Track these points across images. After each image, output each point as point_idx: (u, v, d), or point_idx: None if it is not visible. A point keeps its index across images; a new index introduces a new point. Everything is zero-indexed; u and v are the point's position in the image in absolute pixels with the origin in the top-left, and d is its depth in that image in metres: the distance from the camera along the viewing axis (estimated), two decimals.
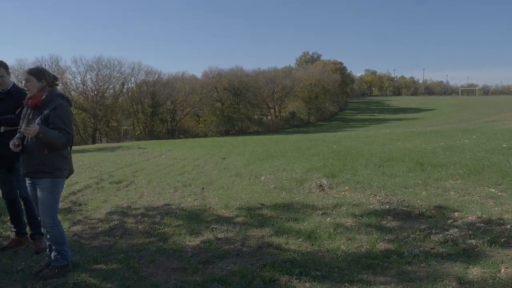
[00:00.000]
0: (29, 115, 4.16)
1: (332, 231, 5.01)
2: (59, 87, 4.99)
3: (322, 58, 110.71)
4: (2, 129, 4.91)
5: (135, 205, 7.53)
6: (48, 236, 4.24)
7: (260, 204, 6.73)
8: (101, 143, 50.48)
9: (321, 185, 7.47)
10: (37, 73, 4.16)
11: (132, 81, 62.51)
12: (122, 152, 21.87)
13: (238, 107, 66.70)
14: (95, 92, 58.71)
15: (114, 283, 3.80)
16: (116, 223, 6.28)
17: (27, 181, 4.27)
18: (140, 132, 59.48)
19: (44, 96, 4.08)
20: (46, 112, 4.00)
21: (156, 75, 62.74)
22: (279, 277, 3.78)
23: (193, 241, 5.07)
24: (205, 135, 57.96)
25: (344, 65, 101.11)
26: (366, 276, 3.76)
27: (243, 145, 20.46)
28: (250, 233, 5.28)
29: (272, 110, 74.43)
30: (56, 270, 4.10)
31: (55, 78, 4.27)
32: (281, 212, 6.16)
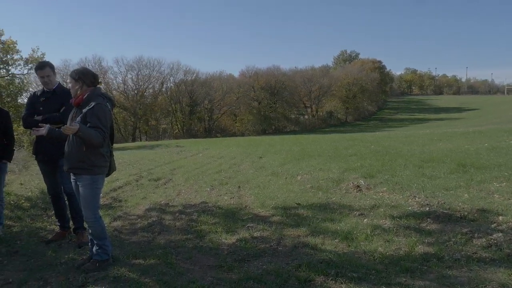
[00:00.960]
0: (74, 113, 4.34)
1: (369, 232, 4.93)
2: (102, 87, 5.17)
3: (360, 56, 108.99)
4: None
5: (173, 203, 7.67)
6: (90, 231, 4.38)
7: (296, 203, 6.71)
8: (140, 141, 51.64)
9: (358, 186, 7.36)
10: (74, 75, 4.33)
11: (171, 80, 63.57)
12: (161, 150, 22.30)
13: (275, 106, 66.55)
14: (135, 92, 60.06)
15: (152, 278, 3.89)
16: (154, 219, 6.43)
17: (71, 177, 4.43)
18: (178, 130, 60.39)
19: (85, 96, 4.24)
20: (84, 110, 4.17)
21: (194, 75, 63.56)
22: (314, 278, 3.76)
23: (229, 239, 5.12)
24: (242, 134, 58.19)
25: (383, 63, 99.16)
26: (404, 279, 3.68)
27: (279, 144, 20.42)
28: (286, 232, 5.27)
29: (309, 109, 73.86)
30: (97, 264, 4.24)
31: (94, 78, 4.39)
32: (317, 212, 6.11)
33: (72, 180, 4.44)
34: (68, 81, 4.38)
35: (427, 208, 5.65)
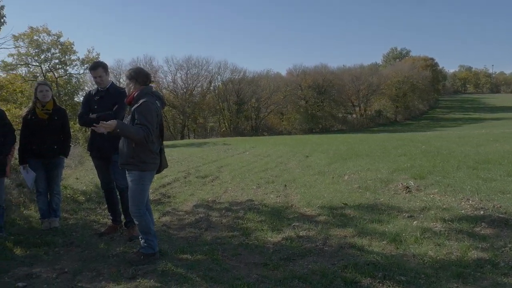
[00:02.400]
0: (128, 111, 4.52)
1: (419, 235, 4.78)
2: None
3: (411, 54, 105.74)
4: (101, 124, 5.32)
5: (220, 200, 7.78)
6: (137, 226, 4.53)
7: (343, 203, 6.62)
8: (189, 138, 52.68)
9: (407, 187, 7.15)
10: (128, 74, 4.52)
11: (219, 79, 64.35)
12: (208, 148, 22.65)
13: (322, 105, 65.84)
14: (184, 90, 61.32)
15: (199, 273, 3.96)
16: (201, 216, 6.54)
17: (126, 173, 4.57)
18: (226, 128, 61.07)
19: (136, 94, 4.39)
20: (133, 108, 4.32)
21: (242, 73, 64.02)
22: (361, 279, 3.70)
23: (274, 238, 5.13)
24: (289, 133, 58.03)
25: (435, 61, 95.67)
26: (455, 285, 3.55)
27: (326, 143, 20.22)
28: (332, 232, 5.21)
29: (357, 108, 72.51)
30: (142, 257, 4.37)
31: (147, 77, 4.53)
32: (365, 212, 6.00)
33: (127, 176, 4.60)
34: (124, 79, 4.55)
35: (482, 212, 5.41)
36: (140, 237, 4.60)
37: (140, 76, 4.48)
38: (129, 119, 4.35)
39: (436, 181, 7.30)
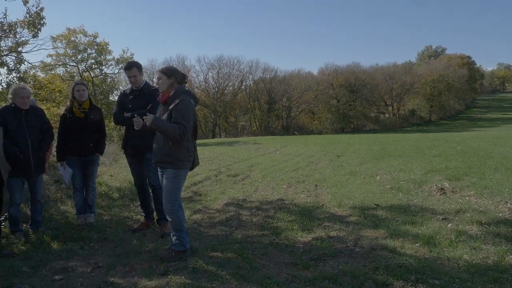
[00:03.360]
0: (161, 110, 4.56)
1: (453, 238, 4.65)
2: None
3: (447, 52, 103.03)
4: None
5: (250, 198, 7.81)
6: (169, 222, 4.59)
7: (374, 204, 6.52)
8: (220, 137, 53.15)
9: (442, 188, 6.98)
10: (167, 71, 4.51)
11: (250, 78, 64.70)
12: (239, 146, 22.76)
13: (354, 104, 65.11)
14: (216, 89, 61.92)
15: (229, 271, 3.99)
16: (232, 214, 6.58)
17: (159, 171, 4.64)
18: (256, 127, 61.25)
19: (172, 93, 4.43)
20: (170, 107, 4.35)
21: (273, 73, 64.12)
22: (392, 282, 3.63)
23: (305, 237, 5.10)
24: (320, 132, 57.69)
25: (472, 59, 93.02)
26: None
27: (358, 143, 19.98)
28: (363, 233, 5.14)
29: (390, 108, 71.30)
30: (173, 254, 4.43)
31: (184, 76, 4.59)
32: (397, 214, 5.90)
33: (159, 173, 4.67)
34: (158, 77, 4.54)
35: None
36: (171, 234, 4.67)
37: (178, 74, 4.53)
38: (166, 117, 4.38)
39: (473, 183, 7.09)
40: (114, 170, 12.07)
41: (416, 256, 4.25)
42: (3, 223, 5.39)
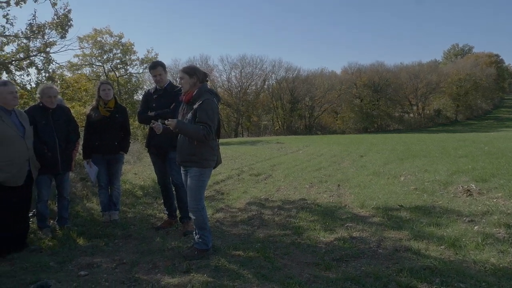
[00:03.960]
0: (184, 109, 4.58)
1: (480, 241, 4.54)
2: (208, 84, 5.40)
3: (474, 50, 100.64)
4: (159, 121, 5.49)
5: (272, 198, 7.81)
6: (194, 220, 4.62)
7: (398, 205, 6.43)
8: (242, 137, 53.28)
9: (468, 190, 6.83)
10: (189, 70, 4.54)
11: (273, 78, 64.57)
12: (262, 146, 22.78)
13: (377, 104, 64.28)
14: (239, 89, 62.10)
15: (250, 270, 4.00)
16: (254, 213, 6.60)
17: (182, 169, 4.69)
18: (279, 127, 61.15)
19: (195, 92, 4.46)
20: (195, 106, 4.37)
21: (296, 72, 63.87)
22: (417, 285, 3.57)
23: (327, 238, 5.07)
24: (343, 132, 57.21)
25: (500, 57, 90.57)
26: None
27: (382, 143, 19.75)
28: (387, 234, 5.08)
29: (415, 107, 70.09)
30: (196, 252, 4.47)
31: (205, 75, 4.62)
32: (421, 215, 5.80)
33: (182, 172, 4.71)
34: (180, 76, 4.57)
35: None
36: (194, 232, 4.71)
37: (200, 73, 4.55)
38: (190, 117, 4.40)
39: (500, 184, 6.91)
40: (138, 169, 12.24)
41: (441, 258, 4.18)
42: (31, 219, 5.53)
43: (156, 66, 5.67)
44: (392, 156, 12.78)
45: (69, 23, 11.29)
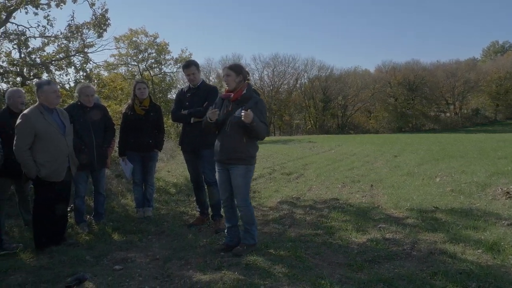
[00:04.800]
0: (227, 107, 4.56)
1: None
2: None
3: None
4: (192, 120, 5.58)
5: (304, 197, 7.78)
6: (240, 216, 4.66)
7: (433, 207, 6.29)
8: (274, 135, 53.24)
9: (508, 192, 6.60)
10: (236, 68, 4.56)
11: (305, 76, 64.13)
12: (294, 145, 22.72)
13: (412, 103, 62.83)
14: (271, 88, 62.04)
15: (281, 270, 3.99)
16: (285, 212, 6.59)
17: (218, 167, 4.67)
18: (311, 126, 60.75)
19: (244, 91, 4.49)
20: (248, 106, 4.36)
21: (329, 71, 63.25)
22: None
23: (359, 238, 5.01)
24: (376, 132, 56.30)
25: None
26: None
27: (417, 143, 19.35)
28: (421, 236, 4.97)
29: (452, 107, 68.11)
30: (245, 247, 4.52)
31: (248, 74, 4.66)
32: (458, 217, 5.64)
33: (218, 170, 4.70)
34: (226, 73, 4.55)
35: None
36: (226, 230, 4.76)
37: (245, 72, 4.59)
38: (239, 114, 4.37)
39: None
40: (171, 166, 12.45)
41: (478, 262, 4.05)
42: (69, 214, 5.72)
43: (189, 66, 5.74)
44: (427, 156, 12.50)
45: (106, 23, 11.57)
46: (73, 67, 11.67)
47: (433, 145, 16.78)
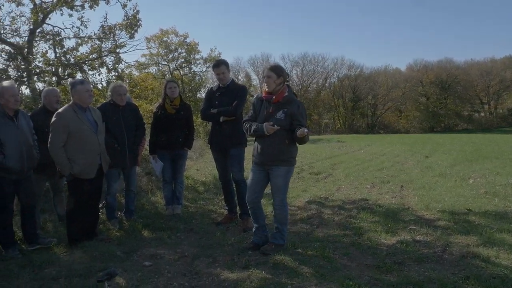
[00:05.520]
0: (267, 108, 4.56)
1: None
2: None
3: None
4: (222, 119, 5.62)
5: (332, 197, 7.72)
6: (275, 215, 4.67)
7: (466, 209, 6.13)
8: None
9: None
10: (277, 70, 4.53)
11: (335, 75, 63.54)
12: (322, 144, 22.56)
13: (445, 102, 61.29)
14: (299, 87, 61.71)
15: (309, 269, 3.98)
16: (313, 212, 6.56)
17: (256, 168, 4.68)
18: (340, 125, 60.15)
19: (286, 93, 4.49)
20: (290, 109, 4.40)
21: (358, 70, 62.48)
22: None
23: (388, 240, 4.94)
24: (407, 131, 55.26)
25: None
26: None
27: (449, 143, 18.90)
28: (453, 239, 4.85)
29: (486, 106, 66.11)
30: (273, 246, 4.53)
31: (288, 76, 4.66)
32: (492, 220, 5.48)
33: (254, 170, 4.69)
34: (267, 75, 4.53)
35: None
36: (253, 229, 4.77)
37: (285, 73, 4.57)
38: (281, 116, 4.40)
39: None
40: (200, 165, 12.57)
41: None
42: (101, 210, 5.85)
43: (219, 65, 5.78)
44: (460, 157, 12.20)
45: (138, 24, 11.78)
46: (105, 67, 11.92)
47: (466, 146, 16.36)
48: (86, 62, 11.58)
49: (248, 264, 4.17)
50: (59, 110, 4.88)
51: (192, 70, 34.49)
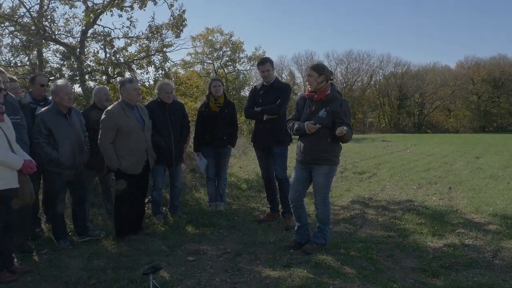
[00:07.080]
0: (310, 107, 4.55)
1: None
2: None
3: None
4: (265, 117, 5.64)
5: (377, 197, 7.58)
6: (316, 214, 4.65)
7: None
8: None
9: None
10: (318, 68, 4.52)
11: (380, 73, 62.16)
12: (367, 143, 22.17)
13: (498, 101, 58.52)
14: (344, 85, 60.85)
15: (352, 270, 3.93)
16: (357, 212, 6.46)
17: (299, 166, 4.67)
18: (385, 124, 58.81)
19: (329, 92, 4.47)
20: (332, 107, 4.37)
21: (405, 67, 60.80)
22: None
23: (435, 243, 4.80)
24: (456, 131, 53.28)
25: None
26: None
27: (502, 144, 18.09)
28: (505, 244, 4.65)
29: None
30: (315, 246, 4.52)
31: (331, 74, 4.63)
32: None
33: (297, 168, 4.69)
34: (308, 73, 4.54)
35: None
36: (295, 228, 4.76)
37: (327, 72, 4.54)
38: (324, 115, 4.38)
39: None
40: (243, 162, 12.67)
41: None
42: (146, 205, 6.02)
43: (265, 62, 5.80)
44: None
45: (183, 23, 12.01)
46: (153, 65, 12.25)
47: None
48: (135, 61, 11.94)
49: (289, 263, 4.17)
50: (109, 108, 5.05)
51: (236, 69, 34.79)
